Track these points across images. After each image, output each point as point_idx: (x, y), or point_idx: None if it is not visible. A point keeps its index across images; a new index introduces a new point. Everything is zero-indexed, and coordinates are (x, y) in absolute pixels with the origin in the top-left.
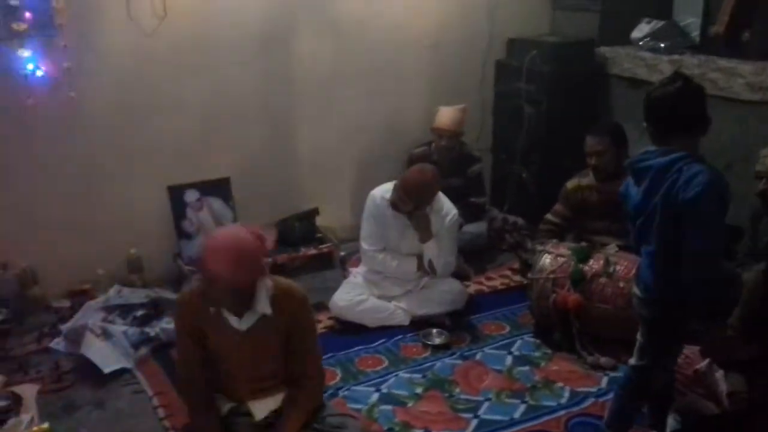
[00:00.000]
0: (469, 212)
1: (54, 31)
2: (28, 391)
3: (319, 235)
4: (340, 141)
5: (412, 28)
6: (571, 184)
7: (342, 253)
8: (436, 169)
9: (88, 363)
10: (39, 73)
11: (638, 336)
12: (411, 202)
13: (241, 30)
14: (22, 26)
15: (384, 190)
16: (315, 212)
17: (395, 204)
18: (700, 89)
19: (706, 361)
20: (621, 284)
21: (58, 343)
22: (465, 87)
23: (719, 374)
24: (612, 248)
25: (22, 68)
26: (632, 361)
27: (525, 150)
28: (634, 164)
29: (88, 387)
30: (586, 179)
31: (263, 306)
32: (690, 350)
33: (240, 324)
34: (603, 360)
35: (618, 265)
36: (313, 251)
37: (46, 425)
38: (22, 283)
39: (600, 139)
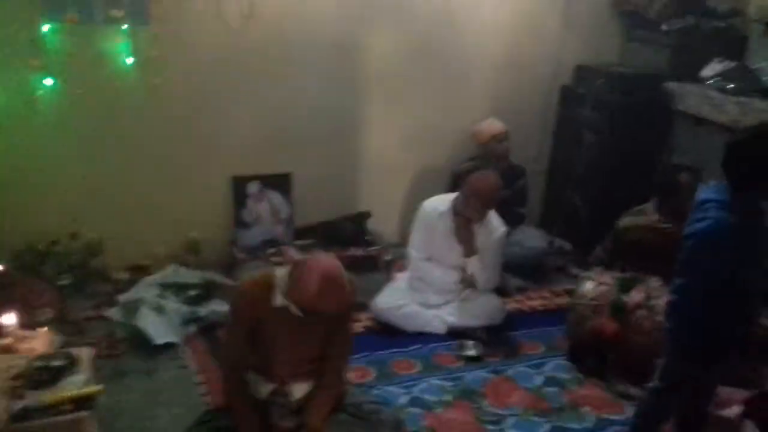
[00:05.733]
0: (510, 220)
1: (147, 20)
2: (85, 353)
3: (368, 237)
4: (399, 151)
5: (481, 47)
6: (623, 222)
7: (388, 257)
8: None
9: (139, 334)
10: (128, 58)
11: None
12: (482, 205)
13: (318, 33)
14: (119, 14)
15: (436, 202)
16: (367, 215)
17: (463, 212)
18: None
19: (739, 408)
20: (659, 318)
21: (113, 312)
22: (528, 108)
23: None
24: (654, 282)
25: (114, 53)
26: (650, 383)
27: (581, 176)
28: None
29: (138, 356)
30: (645, 219)
31: None
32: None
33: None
34: (632, 390)
35: (658, 299)
36: (360, 252)
37: (99, 387)
38: (88, 253)
39: (695, 179)
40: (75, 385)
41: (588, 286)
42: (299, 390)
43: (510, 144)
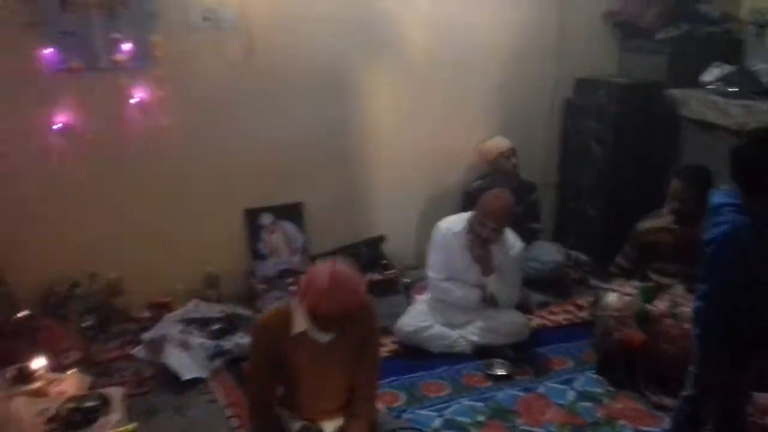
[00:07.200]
0: (525, 236)
1: (151, 63)
2: (116, 393)
3: (384, 261)
4: (409, 173)
5: (481, 67)
6: (642, 225)
7: (406, 280)
8: (507, 190)
9: (166, 371)
10: (135, 100)
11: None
12: (497, 225)
13: (318, 63)
14: (123, 57)
15: (451, 222)
16: (381, 239)
17: (478, 233)
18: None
19: None
20: (686, 326)
21: (139, 351)
22: (532, 124)
23: None
24: (679, 289)
25: (121, 95)
26: (683, 392)
27: (591, 187)
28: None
29: (167, 393)
30: (660, 221)
31: None
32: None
33: (324, 337)
34: (667, 400)
35: (684, 306)
36: (378, 276)
37: (132, 425)
38: (108, 293)
39: (687, 185)
40: (109, 425)
41: (612, 298)
42: (330, 426)
43: (518, 160)
